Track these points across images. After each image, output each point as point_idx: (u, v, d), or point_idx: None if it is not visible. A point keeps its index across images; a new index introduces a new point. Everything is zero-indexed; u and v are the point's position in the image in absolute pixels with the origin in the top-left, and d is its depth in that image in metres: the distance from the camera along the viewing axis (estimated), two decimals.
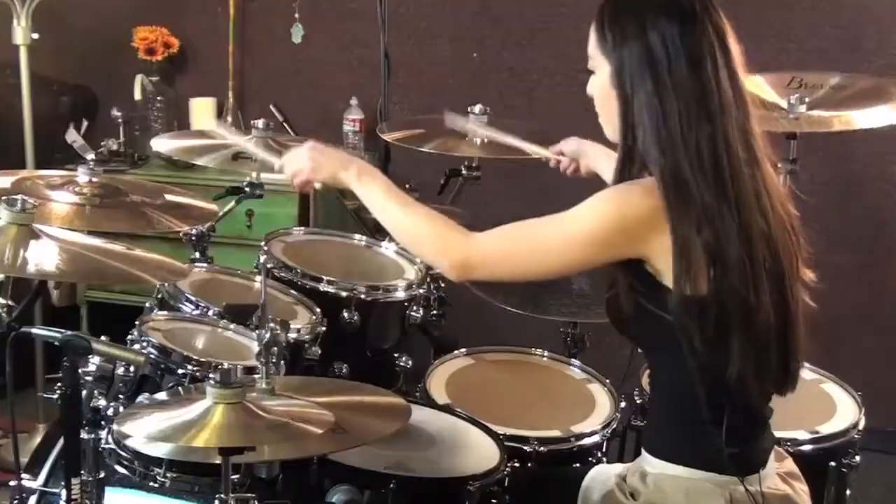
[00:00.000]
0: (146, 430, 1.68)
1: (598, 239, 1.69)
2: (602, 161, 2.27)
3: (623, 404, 2.44)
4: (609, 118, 1.81)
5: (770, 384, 1.77)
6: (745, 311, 1.67)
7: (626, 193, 1.71)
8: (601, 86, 1.79)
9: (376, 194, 1.85)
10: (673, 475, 1.77)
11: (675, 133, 1.67)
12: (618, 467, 1.98)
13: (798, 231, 1.78)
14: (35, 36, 3.48)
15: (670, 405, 1.81)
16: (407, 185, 2.99)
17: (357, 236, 2.93)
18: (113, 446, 2.05)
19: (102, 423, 1.96)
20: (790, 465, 1.89)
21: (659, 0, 1.72)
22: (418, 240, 1.83)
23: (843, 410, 2.45)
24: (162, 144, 2.82)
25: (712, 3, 1.73)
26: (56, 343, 1.82)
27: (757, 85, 2.92)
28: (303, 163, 1.91)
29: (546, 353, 2.67)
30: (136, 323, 2.26)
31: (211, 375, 1.67)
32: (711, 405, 1.71)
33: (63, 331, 1.83)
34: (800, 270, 1.77)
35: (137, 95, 4.12)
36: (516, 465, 2.20)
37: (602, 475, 1.99)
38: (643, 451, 1.86)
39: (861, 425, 2.39)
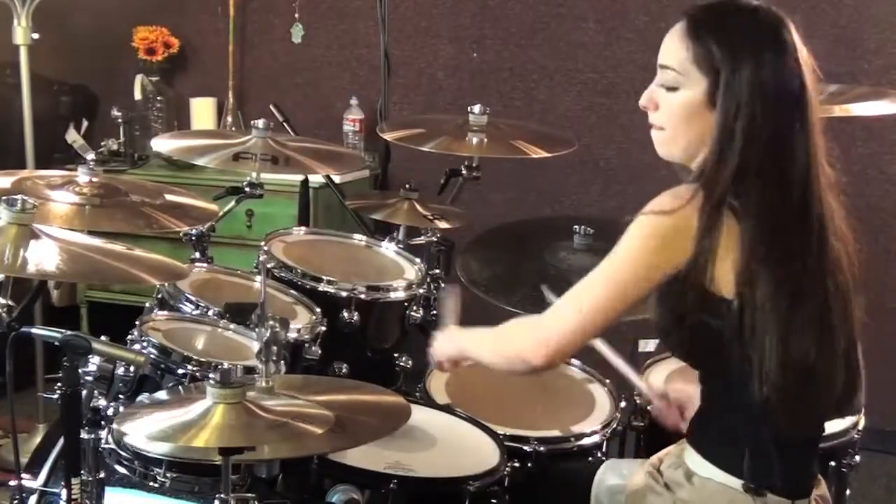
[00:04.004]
0: (146, 430, 1.68)
1: (640, 261, 1.68)
2: None
3: (623, 404, 2.44)
4: (682, 136, 1.74)
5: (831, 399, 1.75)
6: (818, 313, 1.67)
7: (655, 204, 1.68)
8: (688, 102, 1.71)
9: (472, 343, 1.98)
10: (721, 483, 1.72)
11: (767, 154, 1.65)
12: (632, 462, 1.98)
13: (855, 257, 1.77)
14: (35, 36, 3.48)
15: (731, 417, 1.74)
16: (407, 185, 3.01)
17: (357, 236, 2.93)
18: (113, 446, 2.05)
19: (102, 423, 1.96)
20: (823, 488, 1.86)
21: (766, 26, 1.70)
22: (500, 358, 1.88)
23: None
24: (162, 144, 2.82)
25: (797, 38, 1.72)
26: (56, 343, 1.82)
27: None
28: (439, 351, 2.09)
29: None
30: (136, 323, 2.26)
31: (211, 375, 1.67)
32: (772, 423, 1.69)
33: (63, 331, 1.83)
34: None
35: (137, 95, 4.12)
36: (516, 465, 2.20)
37: (616, 468, 1.99)
38: (689, 447, 1.79)
39: (861, 425, 2.39)
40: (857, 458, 2.38)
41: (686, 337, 1.72)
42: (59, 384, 1.82)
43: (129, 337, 2.22)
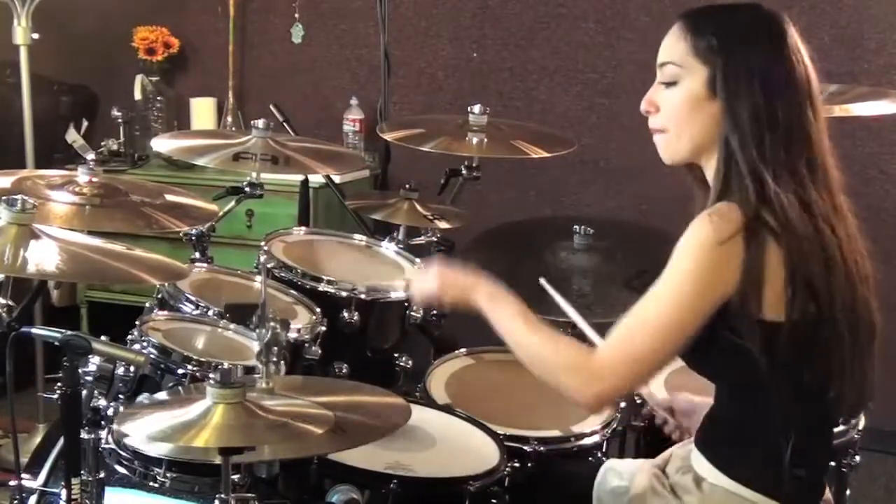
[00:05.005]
0: (146, 430, 1.68)
1: (698, 290, 1.61)
2: None
3: (623, 404, 2.44)
4: (686, 132, 1.72)
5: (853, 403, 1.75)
6: (849, 326, 1.65)
7: (707, 230, 1.61)
8: (688, 94, 1.70)
9: (504, 321, 1.77)
10: (732, 492, 1.71)
11: (778, 144, 1.63)
12: (633, 462, 1.97)
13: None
14: (35, 36, 3.48)
15: (747, 428, 1.72)
16: (407, 185, 3.01)
17: (357, 236, 2.93)
18: (113, 446, 2.05)
19: (102, 423, 1.96)
20: (828, 493, 1.85)
21: (766, 19, 1.70)
22: (548, 374, 1.72)
23: None
24: (162, 144, 2.82)
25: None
26: (56, 343, 1.82)
27: None
28: (430, 286, 1.89)
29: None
30: (136, 323, 2.26)
31: (211, 375, 1.67)
32: (794, 434, 1.67)
33: (63, 331, 1.83)
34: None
35: (137, 95, 4.13)
36: (516, 465, 2.20)
37: (618, 468, 1.98)
38: (697, 452, 1.77)
39: (861, 425, 2.39)
40: (857, 458, 2.38)
41: (717, 357, 1.68)
42: (59, 384, 1.81)
43: (129, 337, 2.22)
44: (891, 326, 1.78)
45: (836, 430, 2.30)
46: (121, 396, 2.11)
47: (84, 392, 1.91)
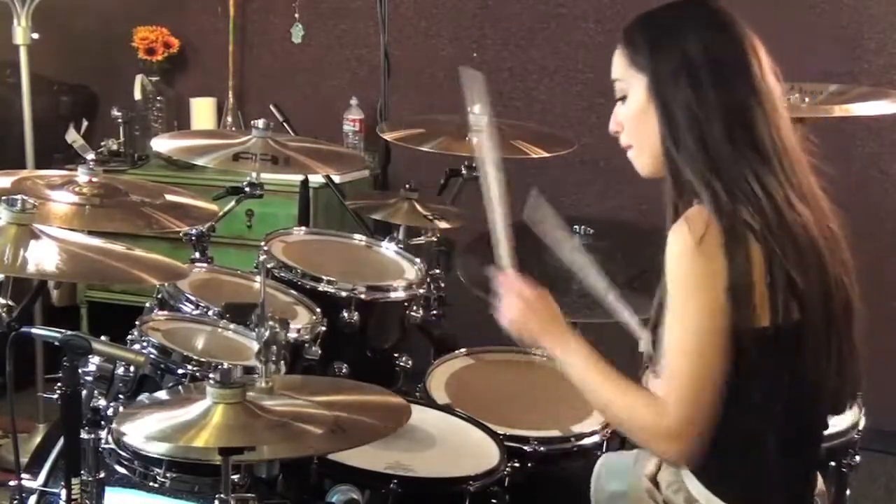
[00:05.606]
0: (146, 430, 1.68)
1: (713, 305, 1.58)
2: None
3: None
4: (645, 143, 1.73)
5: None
6: (828, 328, 1.64)
7: (685, 235, 1.61)
8: (636, 105, 1.71)
9: (578, 373, 1.79)
10: None
11: (720, 137, 1.61)
12: (629, 455, 1.97)
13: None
14: (35, 36, 3.48)
15: (733, 447, 1.68)
16: (407, 185, 3.01)
17: (357, 236, 2.93)
18: (113, 446, 2.05)
19: (102, 423, 1.96)
20: (820, 484, 1.84)
21: (692, 10, 1.70)
22: (628, 432, 1.75)
23: None
24: (162, 144, 2.82)
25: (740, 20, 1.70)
26: (56, 343, 1.82)
27: None
28: (512, 315, 1.89)
29: (546, 353, 2.66)
30: (136, 323, 2.26)
31: (211, 375, 1.67)
32: (782, 448, 1.66)
33: (63, 331, 1.83)
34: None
35: (137, 95, 4.13)
36: (516, 465, 2.20)
37: (614, 465, 1.98)
38: (689, 472, 1.73)
39: (861, 425, 2.39)
40: (857, 458, 2.38)
41: None
42: (59, 384, 1.81)
43: (129, 337, 2.22)
44: (890, 323, 1.78)
45: (835, 430, 2.32)
46: (121, 396, 2.11)
47: (84, 392, 1.91)
